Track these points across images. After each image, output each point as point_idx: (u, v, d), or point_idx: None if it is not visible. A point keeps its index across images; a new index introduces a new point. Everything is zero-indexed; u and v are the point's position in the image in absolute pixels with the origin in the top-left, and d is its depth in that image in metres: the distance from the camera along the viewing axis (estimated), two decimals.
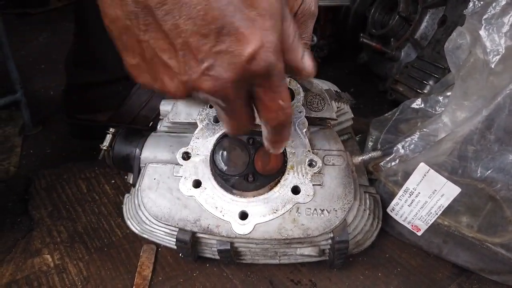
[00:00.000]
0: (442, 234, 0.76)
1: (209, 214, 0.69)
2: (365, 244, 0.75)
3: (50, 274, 0.79)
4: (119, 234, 0.88)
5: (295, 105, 0.73)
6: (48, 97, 1.46)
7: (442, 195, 0.72)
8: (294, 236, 0.67)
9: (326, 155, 0.72)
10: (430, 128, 0.79)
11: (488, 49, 0.65)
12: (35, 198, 0.97)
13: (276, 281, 0.77)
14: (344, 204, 0.68)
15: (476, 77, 0.69)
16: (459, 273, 0.78)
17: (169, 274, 0.79)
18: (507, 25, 0.63)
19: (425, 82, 1.17)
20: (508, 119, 0.63)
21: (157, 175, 0.73)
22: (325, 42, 1.60)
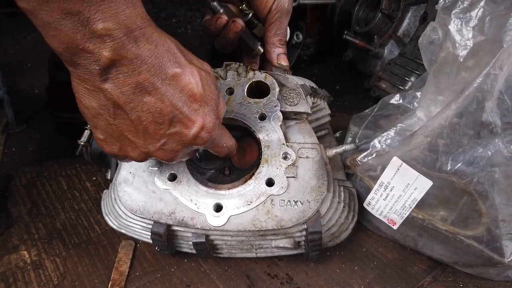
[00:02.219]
0: (417, 228, 0.77)
1: (184, 206, 0.70)
2: (340, 236, 0.75)
3: (26, 270, 0.79)
4: (98, 231, 0.88)
5: (270, 99, 0.74)
6: (33, 96, 1.46)
7: (415, 189, 0.72)
8: (268, 227, 0.68)
9: (301, 148, 0.72)
10: (406, 123, 0.80)
11: (457, 44, 0.66)
12: (15, 195, 0.97)
13: (253, 275, 0.78)
14: (317, 196, 0.69)
15: (447, 71, 0.70)
16: (434, 266, 0.79)
17: (147, 269, 0.79)
18: (475, 19, 0.64)
19: (407, 78, 1.18)
20: (476, 112, 0.64)
21: (133, 169, 0.74)
22: (311, 40, 1.60)
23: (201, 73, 0.55)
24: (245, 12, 0.81)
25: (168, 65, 0.51)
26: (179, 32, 2.09)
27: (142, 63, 0.48)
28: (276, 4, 0.76)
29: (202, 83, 0.55)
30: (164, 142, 0.56)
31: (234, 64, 0.78)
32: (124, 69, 0.48)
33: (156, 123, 0.53)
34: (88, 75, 0.48)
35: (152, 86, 0.50)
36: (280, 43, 0.80)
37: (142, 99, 0.51)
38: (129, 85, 0.49)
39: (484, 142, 0.65)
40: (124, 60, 0.47)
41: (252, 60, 0.89)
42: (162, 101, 0.52)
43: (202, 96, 0.55)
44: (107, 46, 0.45)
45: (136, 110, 0.52)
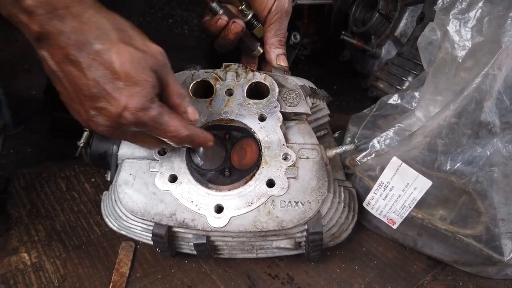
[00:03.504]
0: (417, 227, 0.77)
1: (185, 208, 0.70)
2: (341, 236, 0.76)
3: (26, 272, 0.78)
4: (98, 232, 0.88)
5: (270, 100, 0.74)
6: (30, 97, 1.45)
7: (414, 188, 0.73)
8: (269, 228, 0.68)
9: (301, 148, 0.72)
10: (405, 123, 0.80)
11: (456, 44, 0.67)
12: (14, 197, 0.97)
13: (254, 276, 0.78)
14: (318, 196, 0.69)
15: (446, 71, 0.70)
16: (433, 265, 0.80)
17: (147, 270, 0.79)
18: (474, 20, 0.65)
19: (404, 78, 1.18)
20: (475, 112, 0.65)
21: (133, 170, 0.74)
22: (308, 41, 1.61)
23: (133, 53, 0.55)
24: (244, 13, 0.81)
25: (94, 41, 0.54)
26: (176, 33, 2.09)
27: (66, 38, 0.53)
28: (276, 5, 0.76)
29: (131, 63, 0.55)
30: (94, 114, 0.58)
31: (233, 65, 0.78)
32: (51, 41, 0.53)
33: (84, 95, 0.56)
34: (32, 42, 0.55)
35: (76, 60, 0.54)
36: (279, 43, 0.80)
37: (69, 70, 0.55)
38: (57, 56, 0.54)
39: (483, 142, 0.66)
40: (50, 34, 0.53)
41: (251, 61, 0.89)
42: (85, 75, 0.55)
43: (128, 75, 0.55)
44: (34, 20, 0.52)
45: (67, 80, 0.56)
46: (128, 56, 0.55)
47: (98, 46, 0.54)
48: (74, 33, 0.53)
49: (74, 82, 0.55)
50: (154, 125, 0.60)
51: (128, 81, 0.55)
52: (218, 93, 0.76)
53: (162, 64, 0.59)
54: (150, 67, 0.57)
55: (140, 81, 0.56)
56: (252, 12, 0.81)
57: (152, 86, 0.58)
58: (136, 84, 0.56)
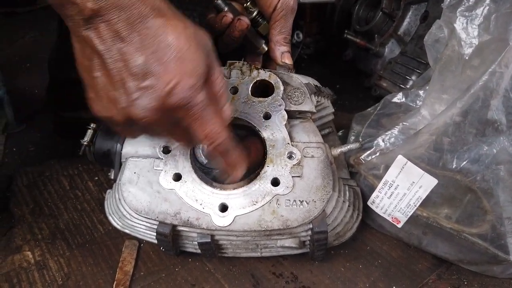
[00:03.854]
0: (422, 226, 0.77)
1: (189, 207, 0.69)
2: (345, 235, 0.75)
3: (30, 271, 0.78)
4: (101, 230, 0.87)
5: (274, 98, 0.74)
6: (33, 96, 1.45)
7: (420, 187, 0.73)
8: (273, 227, 0.68)
9: (306, 147, 0.72)
10: (410, 122, 0.80)
11: (462, 42, 0.66)
12: (17, 196, 0.97)
13: (258, 274, 0.78)
14: (323, 195, 0.69)
15: (452, 69, 0.70)
16: (438, 264, 0.79)
17: (151, 269, 0.79)
18: (481, 17, 0.64)
19: (408, 77, 1.18)
20: (482, 110, 0.64)
21: (138, 169, 0.73)
22: (311, 40, 1.60)
23: (189, 29, 0.54)
24: (250, 10, 0.81)
25: (149, 15, 0.52)
26: None
27: (121, 12, 0.51)
28: (282, 2, 0.76)
29: (186, 39, 0.53)
30: (138, 96, 0.54)
31: (238, 63, 0.78)
32: (103, 18, 0.51)
33: (131, 74, 0.53)
34: (75, 23, 0.52)
35: (128, 36, 0.52)
36: (284, 41, 0.80)
37: (119, 48, 0.52)
38: (107, 33, 0.52)
39: (489, 140, 0.66)
40: (104, 10, 0.50)
41: (255, 59, 0.89)
42: (138, 49, 0.52)
43: (182, 51, 0.53)
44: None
45: (113, 59, 0.53)
46: (184, 31, 0.53)
47: (153, 20, 0.52)
48: (130, 6, 0.51)
49: (122, 59, 0.53)
50: (198, 110, 0.56)
51: (182, 57, 0.53)
52: None
53: (211, 49, 0.57)
54: (203, 47, 0.55)
55: (194, 59, 0.54)
56: (257, 9, 0.81)
57: (205, 65, 0.56)
58: (190, 61, 0.54)
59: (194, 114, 0.57)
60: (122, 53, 0.53)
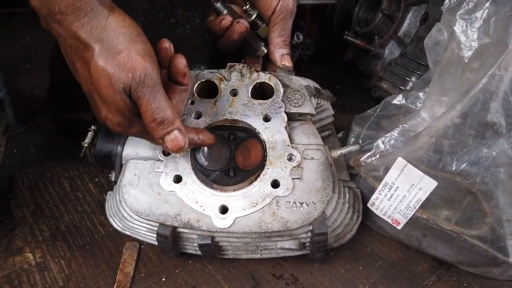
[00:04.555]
0: (421, 228, 0.77)
1: (190, 208, 0.70)
2: (345, 237, 0.76)
3: (31, 272, 0.79)
4: (102, 232, 0.88)
5: (274, 101, 0.74)
6: (33, 97, 1.45)
7: (419, 189, 0.73)
8: (273, 229, 0.68)
9: (305, 149, 0.72)
10: (410, 124, 0.80)
11: (462, 44, 0.66)
12: (18, 197, 0.97)
13: (258, 276, 0.78)
14: (322, 197, 0.69)
15: (452, 72, 0.70)
16: (438, 265, 0.80)
17: (152, 271, 0.79)
18: (480, 20, 0.65)
19: (407, 79, 1.18)
20: (481, 113, 0.64)
21: (138, 171, 0.74)
22: (311, 41, 1.61)
23: (106, 73, 0.56)
24: (249, 13, 0.81)
25: (82, 50, 0.57)
26: (178, 32, 2.09)
27: (64, 40, 0.58)
28: (281, 5, 0.76)
29: (104, 83, 0.57)
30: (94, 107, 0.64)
31: (238, 65, 0.78)
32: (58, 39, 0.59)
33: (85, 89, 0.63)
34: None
35: (73, 61, 0.60)
36: (284, 44, 0.80)
37: (73, 65, 0.61)
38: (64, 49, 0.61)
39: (489, 142, 0.66)
40: (54, 31, 0.58)
41: (255, 61, 0.89)
42: (79, 76, 0.61)
43: (102, 94, 0.58)
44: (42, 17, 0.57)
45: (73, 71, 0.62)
46: (102, 74, 0.56)
47: (84, 55, 0.57)
48: (69, 38, 0.57)
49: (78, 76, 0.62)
50: (139, 136, 0.65)
51: (104, 97, 0.58)
52: (223, 94, 0.76)
53: (138, 83, 0.57)
54: (121, 87, 0.57)
55: (113, 102, 0.58)
56: (256, 12, 0.81)
57: (126, 106, 0.59)
58: (111, 103, 0.59)
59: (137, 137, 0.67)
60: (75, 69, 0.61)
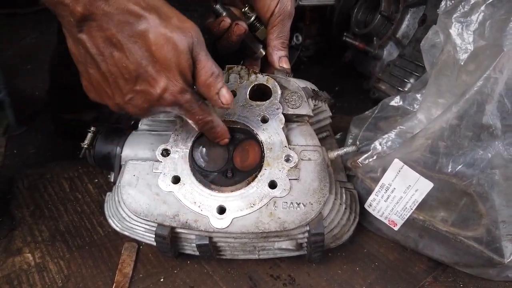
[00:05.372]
0: (418, 229, 0.78)
1: (188, 209, 0.70)
2: (342, 238, 0.76)
3: (30, 273, 0.79)
4: (101, 233, 0.88)
5: (272, 102, 0.75)
6: (33, 97, 1.46)
7: (416, 190, 0.73)
8: (271, 229, 0.68)
9: (303, 150, 0.73)
10: (407, 125, 0.81)
11: (458, 47, 0.67)
12: (18, 198, 0.97)
13: (255, 277, 0.78)
14: (319, 198, 0.69)
15: (448, 74, 0.71)
16: (435, 266, 0.80)
17: (150, 271, 0.80)
18: (476, 23, 0.65)
19: (406, 80, 1.18)
20: (477, 115, 0.65)
21: (137, 171, 0.74)
22: (311, 42, 1.61)
23: (169, 36, 0.55)
24: (247, 15, 0.81)
25: (135, 23, 0.54)
26: None
27: (110, 20, 0.53)
28: (279, 7, 0.77)
29: (168, 47, 0.56)
30: (131, 97, 0.59)
31: (236, 67, 0.78)
32: (94, 23, 0.54)
33: (124, 78, 0.57)
34: (68, 25, 0.55)
35: (119, 42, 0.55)
36: (282, 46, 0.80)
37: (110, 53, 0.56)
38: (99, 38, 0.55)
39: (484, 144, 0.66)
40: (94, 15, 0.53)
41: (254, 63, 0.89)
42: (127, 57, 0.55)
43: (166, 59, 0.56)
44: (80, 2, 0.52)
45: (106, 63, 0.56)
46: (165, 40, 0.55)
47: (139, 27, 0.54)
48: (118, 14, 0.53)
49: (114, 65, 0.56)
50: (187, 107, 0.62)
51: (167, 65, 0.56)
52: None
53: (196, 41, 0.59)
54: (187, 47, 0.57)
55: (178, 64, 0.57)
56: (255, 14, 0.82)
57: (189, 67, 0.59)
58: (175, 67, 0.57)
59: (182, 109, 0.63)
60: (114, 58, 0.56)
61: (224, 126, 0.71)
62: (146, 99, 0.59)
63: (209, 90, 0.62)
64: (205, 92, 0.63)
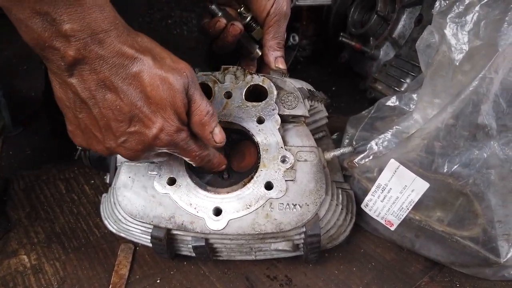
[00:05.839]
0: (414, 229, 0.78)
1: (184, 211, 0.70)
2: (339, 238, 0.76)
3: (26, 275, 0.79)
4: (97, 234, 0.88)
5: (268, 103, 0.75)
6: (29, 98, 1.45)
7: (412, 190, 0.73)
8: (267, 230, 0.68)
9: (299, 151, 0.73)
10: (403, 125, 0.81)
11: (453, 47, 0.67)
12: (13, 199, 0.97)
13: (252, 277, 0.78)
14: (315, 199, 0.69)
15: (443, 74, 0.71)
16: (431, 266, 0.80)
17: (147, 272, 0.80)
18: (471, 23, 0.65)
19: (402, 80, 1.18)
20: (472, 115, 0.65)
21: (132, 173, 0.74)
22: (307, 42, 1.61)
23: (164, 76, 0.55)
24: (243, 15, 0.81)
25: (130, 65, 0.54)
26: (175, 33, 2.09)
27: (104, 63, 0.52)
28: (275, 7, 0.77)
29: (163, 87, 0.55)
30: (125, 140, 0.58)
31: (232, 68, 0.78)
32: (87, 67, 0.52)
33: (117, 120, 0.56)
34: (56, 69, 0.53)
35: (113, 84, 0.53)
36: (278, 46, 0.80)
37: (103, 96, 0.54)
38: (91, 82, 0.53)
39: (480, 144, 0.66)
40: (87, 59, 0.51)
41: (250, 63, 0.89)
42: (121, 99, 0.54)
43: (161, 99, 0.55)
44: (72, 46, 0.50)
45: (98, 106, 0.55)
46: (160, 80, 0.55)
47: (133, 69, 0.54)
48: (113, 57, 0.52)
49: (108, 107, 0.55)
50: (183, 146, 0.61)
51: (162, 105, 0.56)
52: (217, 96, 0.76)
53: (191, 81, 0.59)
54: (182, 87, 0.57)
55: (174, 104, 0.57)
56: (250, 14, 0.82)
57: (185, 107, 0.58)
58: (171, 107, 0.56)
59: (178, 148, 0.62)
60: (107, 101, 0.55)
61: (220, 154, 0.70)
62: (140, 140, 0.58)
63: (204, 130, 0.62)
64: (199, 131, 0.62)
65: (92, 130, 0.58)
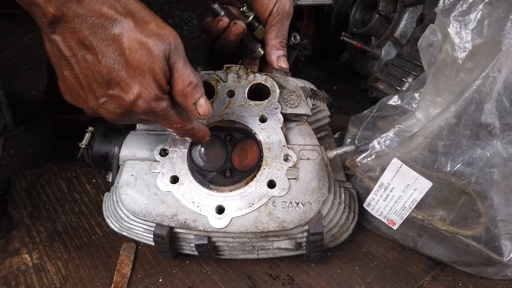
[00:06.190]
0: (417, 228, 0.78)
1: (186, 209, 0.70)
2: (341, 237, 0.76)
3: (28, 274, 0.79)
4: (99, 233, 0.88)
5: (270, 102, 0.75)
6: (31, 98, 1.45)
7: (415, 189, 0.73)
8: (270, 229, 0.68)
9: (301, 150, 0.73)
10: (405, 124, 0.81)
11: (456, 46, 0.67)
12: (15, 198, 0.97)
13: (254, 276, 0.78)
14: (318, 197, 0.69)
15: (446, 73, 0.71)
16: (433, 265, 0.80)
17: (149, 271, 0.80)
18: (474, 22, 0.65)
19: (404, 79, 1.19)
20: (475, 114, 0.65)
21: (135, 171, 0.74)
22: (308, 41, 1.61)
23: (144, 41, 0.54)
24: (246, 14, 0.81)
25: (109, 26, 0.53)
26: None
27: (82, 22, 0.52)
28: (277, 6, 0.76)
29: (142, 52, 0.54)
30: (104, 101, 0.57)
31: (234, 67, 0.78)
32: (67, 25, 0.52)
33: (96, 82, 0.56)
34: (42, 25, 0.53)
35: (92, 45, 0.53)
36: (280, 45, 0.80)
37: (84, 56, 0.54)
38: (72, 40, 0.53)
39: (483, 143, 0.66)
40: (66, 17, 0.51)
41: (252, 62, 0.89)
42: (100, 61, 0.54)
43: (140, 65, 0.55)
44: (52, 2, 0.50)
45: (79, 65, 0.55)
46: (139, 44, 0.54)
47: (112, 31, 0.53)
48: (91, 16, 0.52)
49: (87, 67, 0.55)
50: (163, 115, 0.60)
51: (140, 70, 0.55)
52: (219, 95, 0.76)
53: (174, 48, 0.57)
54: (162, 53, 0.56)
55: (152, 70, 0.56)
56: (253, 13, 0.81)
57: (164, 74, 0.57)
58: (149, 73, 0.56)
59: (158, 117, 0.61)
60: (87, 60, 0.54)
61: (204, 126, 0.69)
62: (119, 104, 0.57)
63: (186, 100, 0.61)
64: (182, 101, 0.61)
65: (77, 88, 0.58)
